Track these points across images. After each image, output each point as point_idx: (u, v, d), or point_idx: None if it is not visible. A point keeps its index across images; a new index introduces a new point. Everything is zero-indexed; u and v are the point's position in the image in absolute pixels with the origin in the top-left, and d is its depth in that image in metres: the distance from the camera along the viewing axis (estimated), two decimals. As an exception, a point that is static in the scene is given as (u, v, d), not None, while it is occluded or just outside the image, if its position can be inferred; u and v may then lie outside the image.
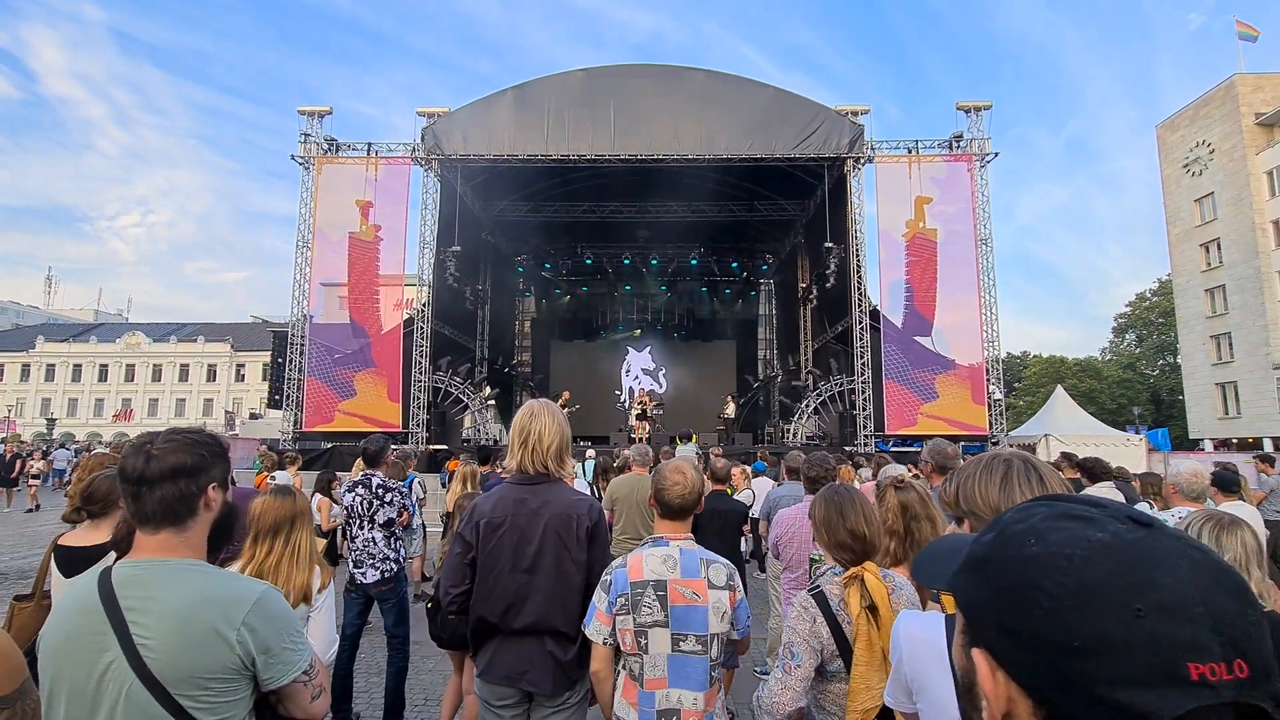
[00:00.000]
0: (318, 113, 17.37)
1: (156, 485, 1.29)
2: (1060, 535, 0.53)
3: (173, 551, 1.31)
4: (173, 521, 1.31)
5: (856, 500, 2.06)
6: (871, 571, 1.88)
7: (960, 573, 0.61)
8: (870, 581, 1.85)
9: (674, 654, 1.99)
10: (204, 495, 1.34)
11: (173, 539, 1.32)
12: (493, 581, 2.08)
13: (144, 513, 1.30)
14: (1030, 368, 53.85)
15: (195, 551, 1.35)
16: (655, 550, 2.10)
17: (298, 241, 17.11)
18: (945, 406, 16.14)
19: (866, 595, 1.83)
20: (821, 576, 2.00)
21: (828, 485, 2.21)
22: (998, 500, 1.12)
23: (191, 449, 1.34)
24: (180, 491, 1.31)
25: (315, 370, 16.63)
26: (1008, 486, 1.13)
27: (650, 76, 17.01)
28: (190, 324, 60.48)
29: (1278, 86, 31.53)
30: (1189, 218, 34.69)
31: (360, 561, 4.29)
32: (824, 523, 2.04)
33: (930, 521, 2.40)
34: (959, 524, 1.22)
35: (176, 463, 1.31)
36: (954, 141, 17.13)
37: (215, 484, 1.37)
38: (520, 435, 2.20)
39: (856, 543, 1.97)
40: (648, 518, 4.86)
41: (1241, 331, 31.76)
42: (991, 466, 1.18)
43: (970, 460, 1.24)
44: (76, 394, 54.31)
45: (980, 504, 1.14)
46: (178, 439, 1.35)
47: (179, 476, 1.31)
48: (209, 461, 1.36)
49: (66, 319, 70.22)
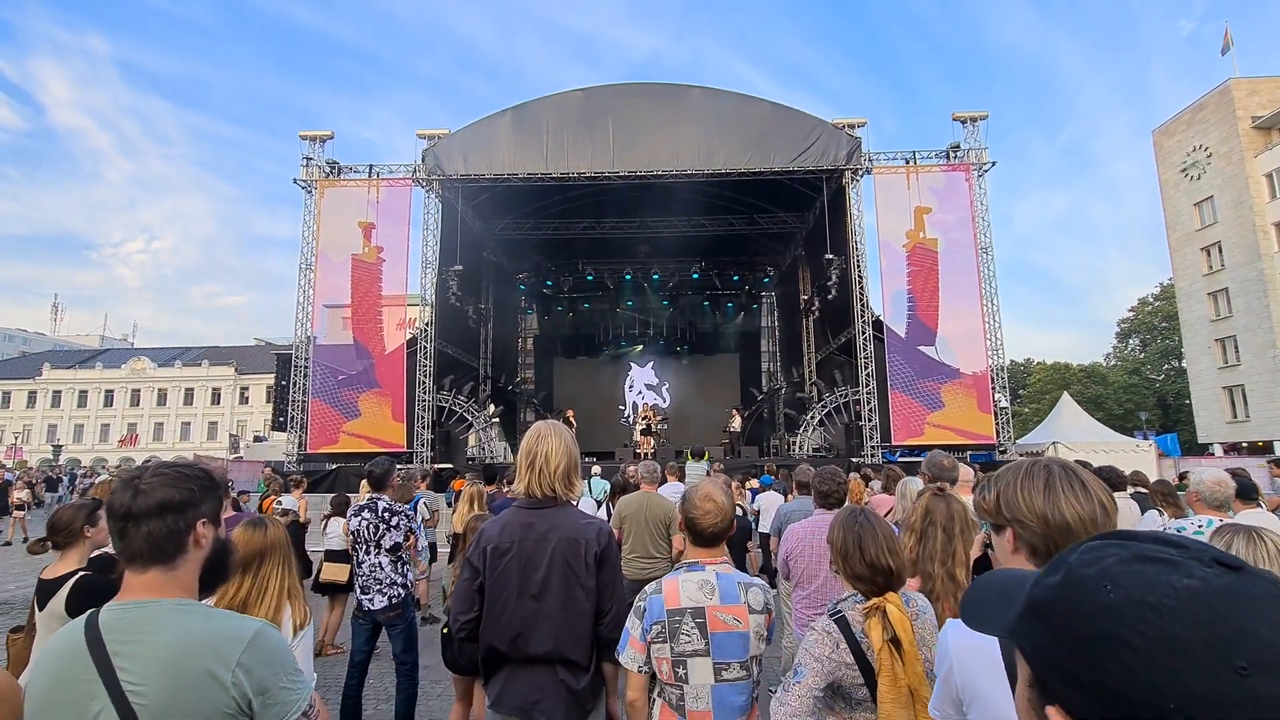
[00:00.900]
0: (319, 137, 17.56)
1: (143, 521, 1.25)
2: (1141, 581, 0.48)
3: (161, 591, 1.26)
4: (161, 559, 1.26)
5: (878, 530, 1.94)
6: (894, 603, 1.79)
7: (1023, 618, 0.56)
8: (893, 614, 1.76)
9: (718, 684, 1.93)
10: (193, 531, 1.30)
11: (161, 577, 1.27)
12: (501, 608, 2.05)
13: (131, 550, 1.26)
14: (1035, 375, 53.62)
15: (185, 590, 1.30)
16: (691, 575, 2.03)
17: (301, 264, 17.23)
18: (951, 416, 16.05)
19: (889, 628, 1.75)
20: (844, 601, 1.93)
21: (847, 508, 2.10)
22: (1043, 507, 1.10)
23: (180, 483, 1.30)
24: (168, 528, 1.26)
25: (319, 391, 16.65)
26: (1051, 493, 1.11)
27: (648, 94, 17.18)
28: (194, 348, 60.77)
29: (1273, 90, 31.68)
30: (1189, 222, 34.69)
31: (367, 587, 4.25)
32: (841, 553, 1.94)
33: (946, 534, 2.36)
34: (998, 532, 1.20)
35: (164, 498, 1.26)
36: (951, 152, 17.22)
37: (206, 520, 1.32)
38: (527, 458, 2.17)
39: (877, 575, 1.87)
40: (657, 536, 4.82)
41: (1247, 334, 31.61)
42: (1032, 473, 1.15)
43: (1007, 468, 1.22)
44: (82, 420, 54.44)
45: (1025, 512, 1.12)
46: (166, 473, 1.31)
47: (166, 512, 1.26)
48: (199, 496, 1.31)
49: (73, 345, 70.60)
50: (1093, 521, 1.09)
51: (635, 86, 17.52)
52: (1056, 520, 1.10)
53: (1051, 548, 1.10)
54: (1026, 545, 1.13)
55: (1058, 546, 1.09)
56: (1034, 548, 1.12)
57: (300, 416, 16.72)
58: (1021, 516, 1.13)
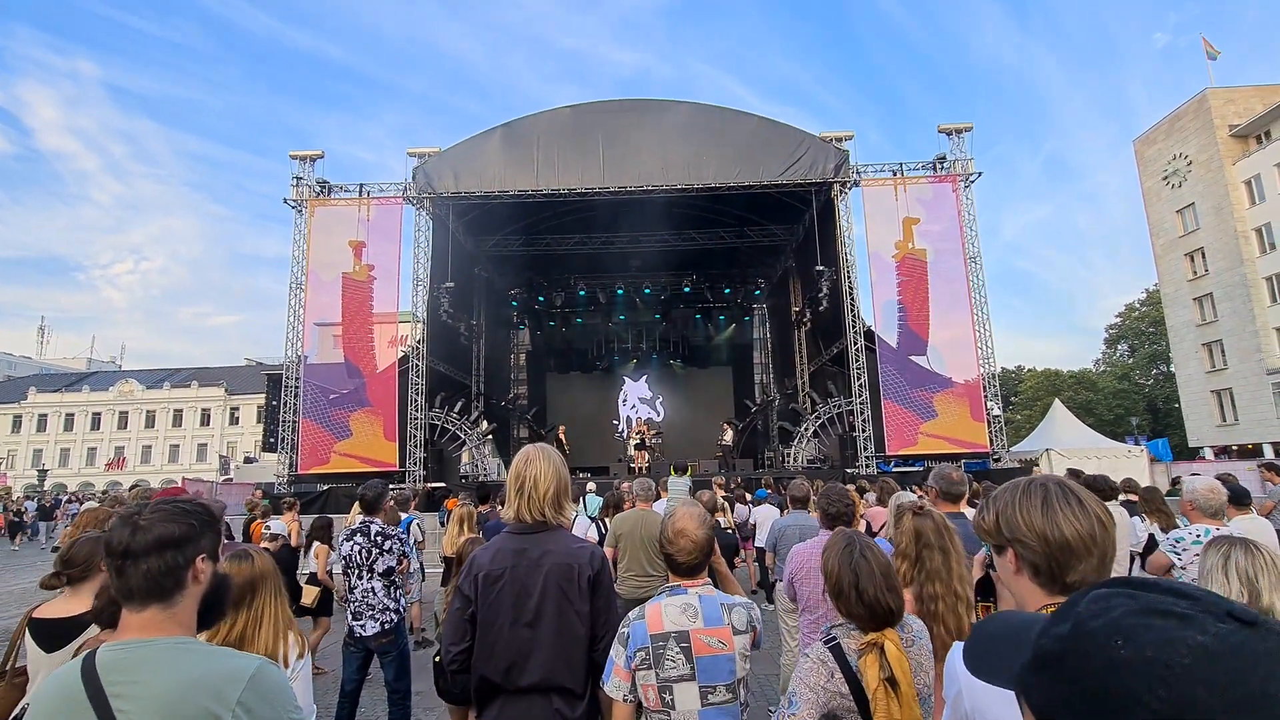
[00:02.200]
0: (309, 156, 17.58)
1: (142, 558, 1.24)
2: (1153, 636, 0.46)
3: (160, 630, 1.25)
4: (159, 597, 1.25)
5: (874, 566, 1.85)
6: (893, 640, 1.73)
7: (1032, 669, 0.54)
8: (891, 652, 1.70)
9: (705, 708, 1.91)
10: (192, 567, 1.29)
11: (159, 615, 1.25)
12: (494, 637, 2.00)
13: (129, 588, 1.24)
14: (1026, 382, 54.00)
15: (184, 628, 1.29)
16: (674, 599, 2.02)
17: (291, 283, 17.16)
18: (945, 425, 16.09)
19: (886, 666, 1.68)
20: (838, 627, 1.88)
21: (841, 536, 2.02)
22: (1042, 526, 1.09)
23: (180, 519, 1.29)
24: (167, 564, 1.25)
25: (310, 412, 16.51)
26: (1050, 511, 1.10)
27: (637, 110, 17.33)
28: (184, 369, 60.22)
29: (1249, 99, 32.37)
30: (1172, 229, 35.22)
31: (359, 613, 4.17)
32: (835, 591, 1.86)
33: (943, 552, 2.34)
34: (999, 552, 1.18)
35: (164, 534, 1.26)
36: (938, 163, 17.43)
37: (204, 555, 1.31)
38: (516, 483, 2.13)
39: (873, 618, 1.79)
40: (653, 554, 4.77)
41: (1233, 338, 32.00)
42: (1029, 491, 1.15)
43: (1004, 487, 1.22)
44: (69, 444, 53.68)
45: (1024, 531, 1.11)
46: (166, 508, 1.30)
47: (166, 548, 1.25)
48: (198, 532, 1.31)
49: (59, 368, 69.82)
50: (1091, 538, 1.08)
51: (624, 103, 17.68)
52: (1056, 538, 1.08)
53: (1054, 566, 1.09)
54: (1029, 565, 1.12)
55: (1059, 564, 1.09)
56: (1036, 567, 1.11)
57: (291, 437, 16.57)
58: (1021, 536, 1.12)
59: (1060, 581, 1.08)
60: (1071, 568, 1.07)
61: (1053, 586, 1.09)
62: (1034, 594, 1.12)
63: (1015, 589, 1.16)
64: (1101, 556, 1.08)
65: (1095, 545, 1.07)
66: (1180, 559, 3.68)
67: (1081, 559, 1.07)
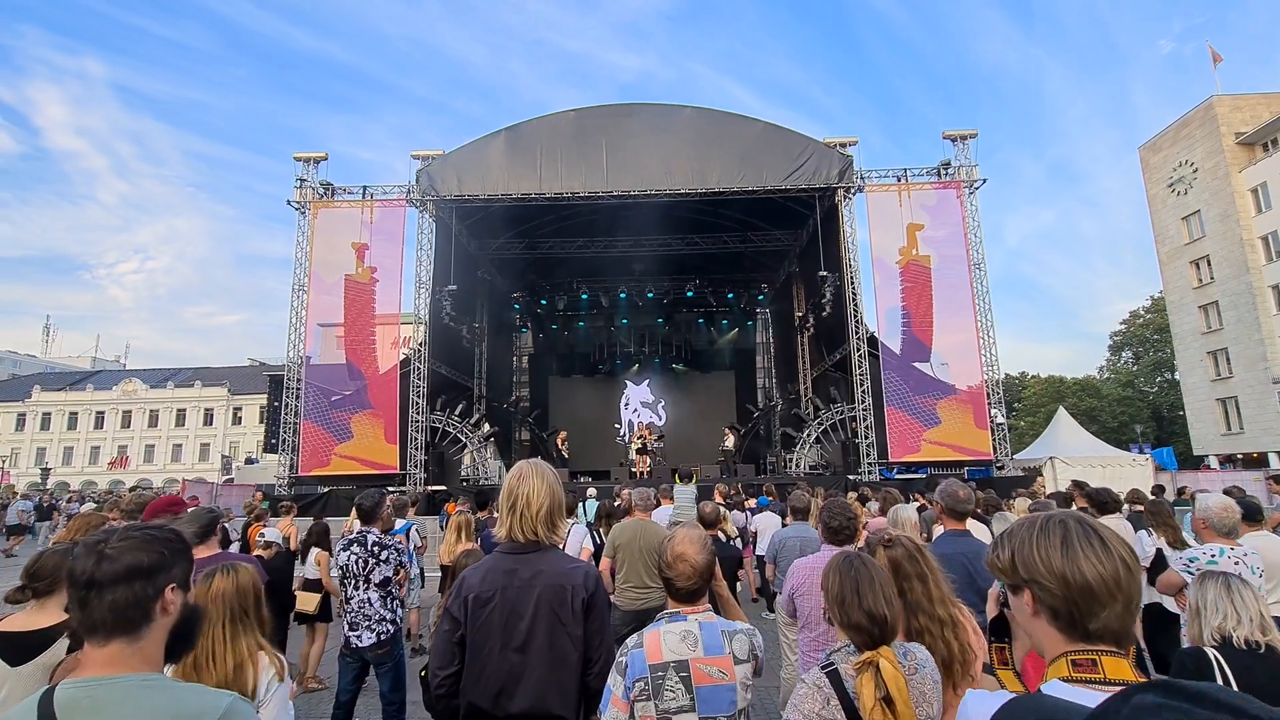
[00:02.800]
0: (313, 158, 17.59)
1: (108, 589, 1.16)
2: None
3: (124, 666, 1.17)
4: (124, 630, 1.18)
5: (875, 576, 1.87)
6: (888, 658, 1.70)
7: None
8: (887, 670, 1.66)
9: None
10: (161, 598, 1.22)
11: (125, 650, 1.18)
12: (483, 662, 1.93)
13: (92, 621, 1.17)
14: (1029, 388, 53.75)
15: (150, 664, 1.21)
16: (672, 627, 1.95)
17: (294, 285, 17.15)
18: (948, 432, 15.99)
19: (882, 685, 1.64)
20: (836, 652, 1.84)
21: (843, 553, 2.01)
22: (1062, 566, 1.03)
23: (149, 546, 1.22)
24: (134, 595, 1.18)
25: (311, 413, 16.48)
26: (1070, 551, 1.03)
27: (640, 115, 17.31)
28: (187, 369, 60.33)
29: (1255, 106, 32.21)
30: (1177, 236, 35.04)
31: (355, 624, 4.11)
32: (837, 600, 1.85)
33: (920, 580, 2.25)
34: (1015, 593, 1.11)
35: (132, 562, 1.18)
36: (942, 169, 17.36)
37: (174, 585, 1.24)
38: (508, 500, 2.07)
39: (873, 625, 1.78)
40: (652, 565, 4.69)
41: (1238, 346, 31.79)
42: (1048, 529, 1.08)
43: (1020, 522, 1.15)
44: (72, 442, 53.79)
45: (1043, 571, 1.05)
46: (135, 536, 1.23)
47: (134, 579, 1.18)
48: (169, 560, 1.24)
49: (64, 367, 70.02)
50: (1115, 582, 1.01)
51: (627, 107, 17.66)
52: (1077, 581, 1.01)
53: (1074, 611, 1.02)
54: (1047, 608, 1.05)
55: (1080, 609, 1.02)
56: (1055, 610, 1.04)
57: (292, 438, 16.54)
58: (1039, 577, 1.05)
59: (1082, 628, 1.02)
60: (1094, 614, 1.00)
61: (1073, 633, 1.03)
62: (1053, 639, 1.05)
63: (1033, 632, 1.09)
64: (1127, 602, 1.01)
65: (1120, 590, 1.00)
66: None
67: (1105, 604, 1.00)
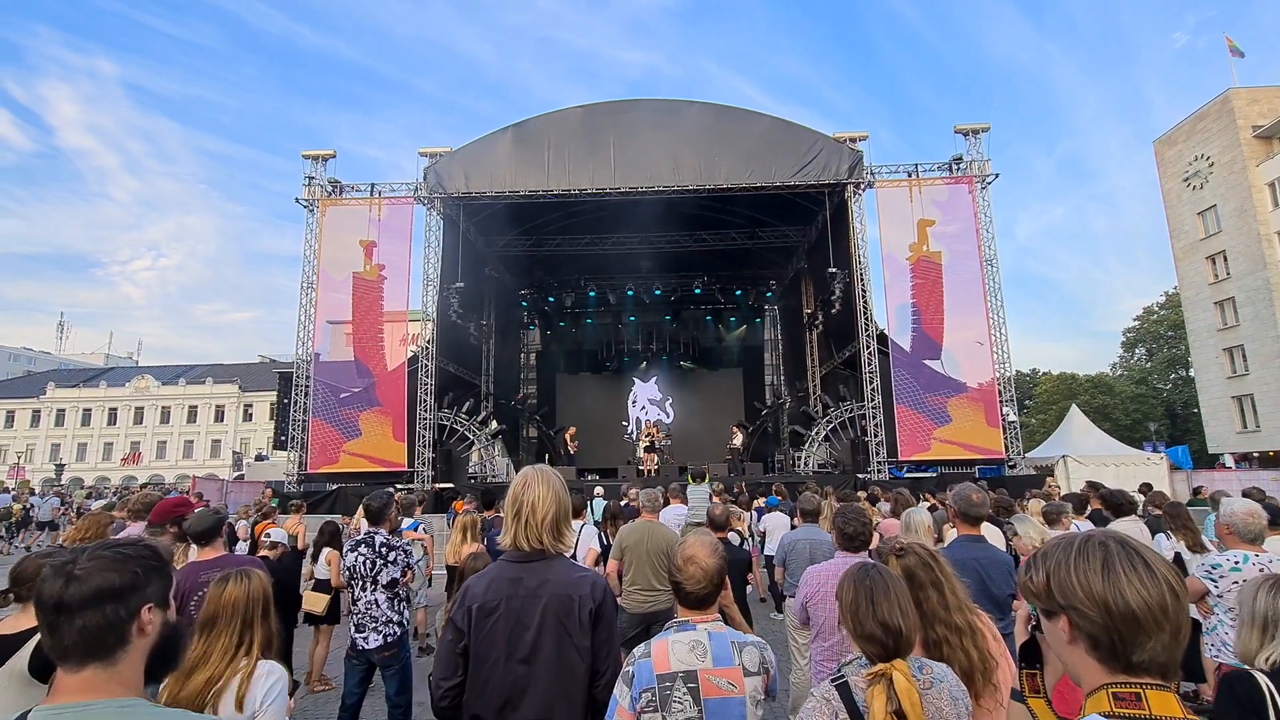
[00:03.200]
0: (322, 156, 17.61)
1: (78, 613, 1.10)
2: None
3: (100, 691, 1.11)
4: (98, 655, 1.11)
5: (891, 586, 1.83)
6: (901, 671, 1.65)
7: None
8: (900, 683, 1.61)
9: None
10: (136, 620, 1.15)
11: (100, 675, 1.11)
12: (487, 673, 1.88)
13: (63, 647, 1.10)
14: (1041, 385, 53.23)
15: (128, 688, 1.14)
16: (681, 636, 1.91)
17: (302, 282, 17.20)
18: (959, 430, 15.82)
19: (894, 698, 1.60)
20: (848, 665, 1.80)
21: (859, 563, 1.96)
22: (1103, 592, 0.96)
23: (122, 566, 1.14)
24: (106, 619, 1.11)
25: (320, 411, 16.54)
26: (1111, 575, 0.96)
27: (648, 110, 17.20)
28: (198, 365, 60.85)
29: (1273, 99, 31.65)
30: (1193, 231, 34.53)
31: (362, 625, 4.07)
32: (851, 609, 1.81)
33: (935, 588, 2.19)
34: (1049, 617, 1.04)
35: (103, 584, 1.11)
36: (954, 164, 17.15)
37: (152, 605, 1.18)
38: (513, 507, 2.02)
39: (888, 636, 1.74)
40: (659, 568, 4.64)
41: (1255, 343, 31.31)
42: (1086, 551, 1.00)
43: (1056, 542, 1.07)
44: (86, 438, 54.38)
45: (1081, 597, 0.98)
46: (105, 555, 1.15)
47: (105, 601, 1.11)
48: (143, 579, 1.16)
49: (77, 364, 70.78)
50: (1162, 610, 0.94)
51: (635, 103, 17.55)
52: (1120, 608, 0.94)
53: (1116, 640, 0.95)
54: (1086, 636, 0.98)
55: (1123, 639, 0.94)
56: (1095, 640, 0.97)
57: (301, 436, 16.60)
58: (1078, 603, 0.98)
59: (1124, 659, 0.94)
60: (1139, 644, 0.93)
61: (1115, 664, 0.95)
62: (1092, 671, 0.98)
63: (1069, 660, 1.02)
64: (1174, 632, 0.93)
65: (1167, 619, 0.93)
66: (1217, 586, 3.49)
67: (1151, 635, 0.93)
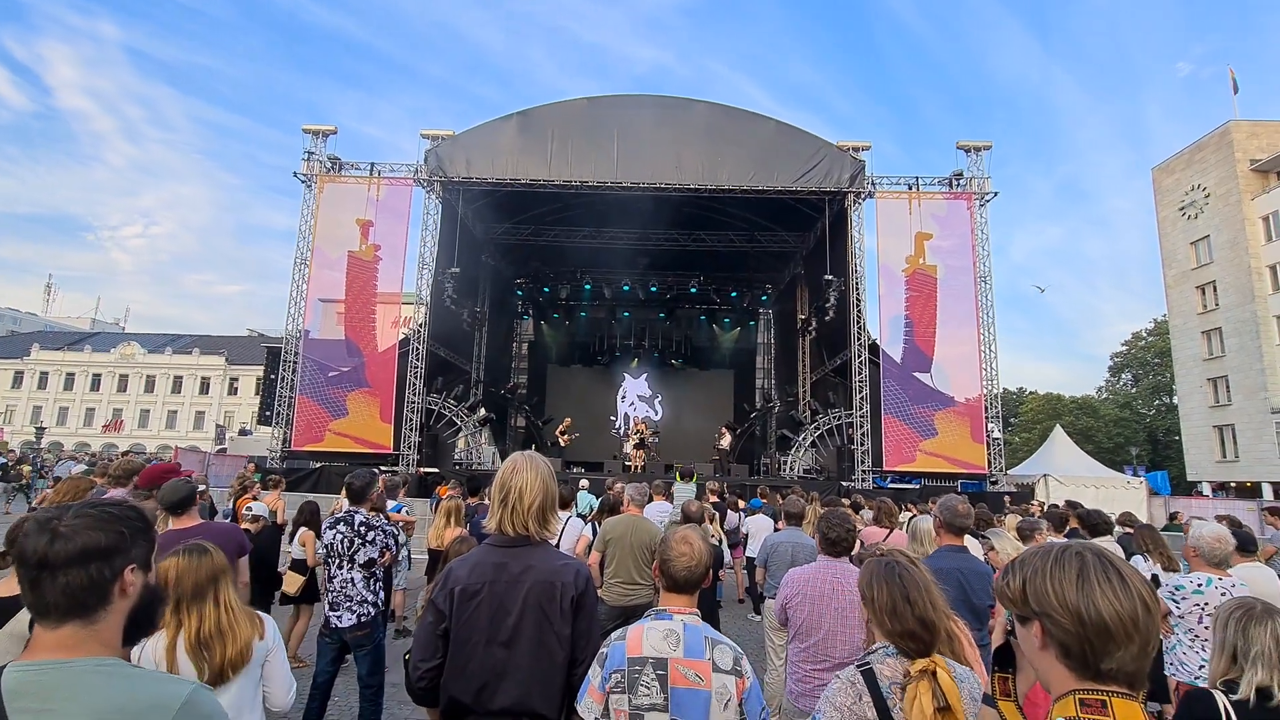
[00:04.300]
0: (322, 131, 17.46)
1: (61, 571, 1.10)
2: None
3: (78, 649, 1.11)
4: (79, 614, 1.12)
5: (919, 580, 1.82)
6: (943, 667, 1.66)
7: None
8: (945, 680, 1.62)
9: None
10: (119, 580, 1.15)
11: (79, 633, 1.12)
12: (466, 656, 1.89)
13: (44, 604, 1.11)
14: (1027, 404, 53.76)
15: (107, 647, 1.15)
16: (657, 624, 1.93)
17: (296, 258, 17.06)
18: (944, 444, 15.96)
19: (940, 695, 1.59)
20: (873, 654, 1.81)
21: (879, 560, 1.94)
22: (1077, 602, 0.98)
23: (107, 525, 1.15)
24: (90, 578, 1.11)
25: (307, 388, 16.43)
26: (1086, 585, 0.99)
27: (654, 106, 17.17)
28: (186, 335, 60.19)
29: (1273, 134, 32.03)
30: (1185, 260, 34.94)
31: (336, 604, 4.07)
32: (888, 609, 1.79)
33: None
34: (1023, 623, 1.06)
35: (88, 543, 1.12)
36: (954, 179, 17.26)
37: (134, 566, 1.18)
38: (500, 492, 2.03)
39: (925, 632, 1.74)
40: (642, 562, 4.66)
41: (1239, 374, 31.76)
42: (1063, 561, 1.03)
43: (1033, 550, 1.10)
44: (68, 403, 53.73)
45: (1056, 606, 1.00)
46: (91, 514, 1.16)
47: (90, 560, 1.11)
48: (128, 540, 1.17)
49: (63, 327, 69.84)
50: (1134, 621, 0.96)
51: (641, 98, 17.51)
52: (1093, 618, 0.97)
53: (1087, 650, 0.97)
54: (1058, 643, 1.00)
55: (1094, 648, 0.97)
56: (1066, 647, 0.99)
57: (286, 412, 16.50)
58: (1052, 611, 1.00)
59: (1093, 667, 0.97)
60: (1108, 653, 0.95)
61: (1084, 672, 0.98)
62: (1062, 677, 1.00)
63: (1040, 666, 1.05)
64: (1144, 643, 0.96)
65: (1138, 631, 0.95)
66: (1179, 607, 3.56)
67: (1120, 644, 0.95)
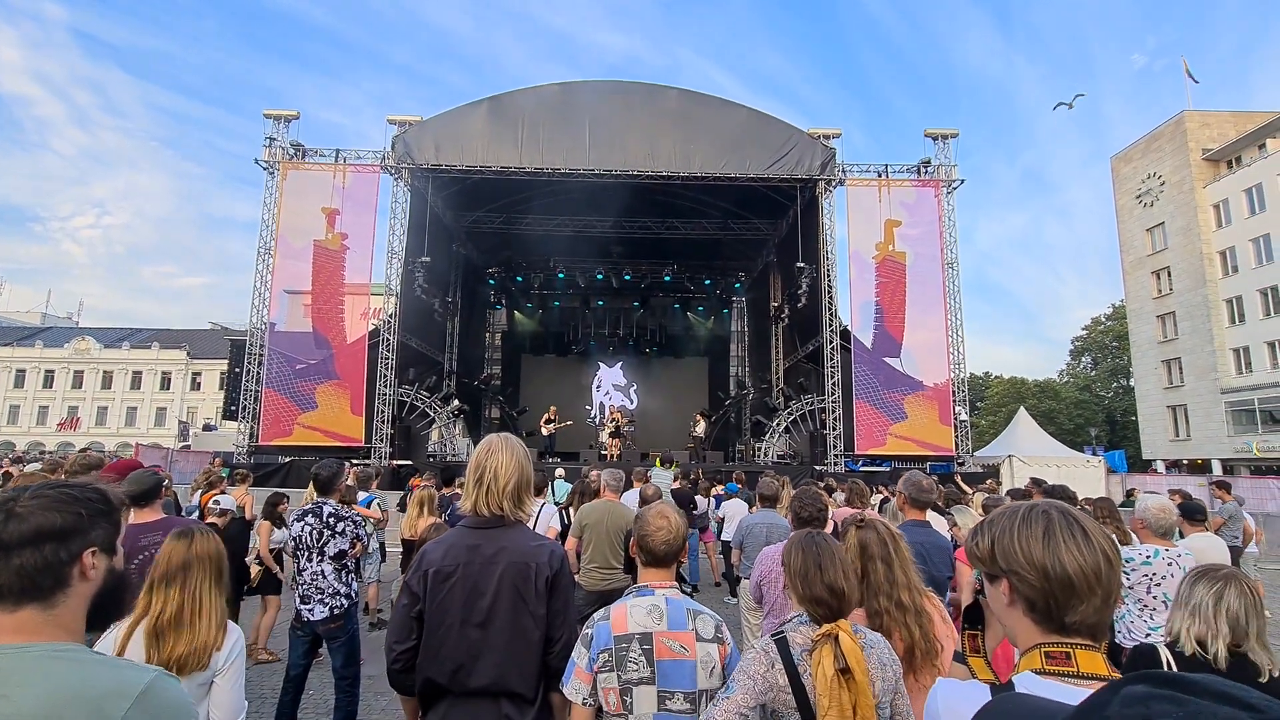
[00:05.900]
0: (284, 117, 16.95)
1: (14, 552, 1.06)
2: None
3: (36, 634, 1.07)
4: (34, 597, 1.08)
5: (835, 551, 1.96)
6: (846, 631, 1.77)
7: None
8: (846, 643, 1.73)
9: (660, 713, 1.86)
10: (78, 563, 1.11)
11: (37, 618, 1.08)
12: (441, 638, 1.87)
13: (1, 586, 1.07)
14: (992, 388, 55.24)
15: (67, 632, 1.11)
16: (640, 600, 1.98)
17: (259, 248, 16.60)
18: (914, 427, 16.31)
19: (840, 657, 1.71)
20: (788, 622, 1.90)
21: (804, 531, 2.09)
22: (1042, 557, 1.00)
23: (65, 506, 1.11)
24: (45, 559, 1.08)
25: (274, 381, 16.05)
26: (1051, 542, 1.01)
27: (626, 93, 17.05)
28: (144, 329, 58.16)
29: (1223, 124, 33.21)
30: (1141, 246, 36.12)
31: (308, 596, 4.00)
32: (800, 574, 1.92)
33: (885, 563, 2.30)
34: (992, 581, 1.09)
35: (43, 524, 1.08)
36: (921, 167, 17.52)
37: (95, 549, 1.14)
38: (475, 473, 2.02)
39: (833, 598, 1.85)
40: (618, 546, 4.67)
41: (1191, 356, 33.05)
42: (1030, 519, 1.05)
43: (1002, 511, 1.12)
44: (18, 400, 51.64)
45: (1022, 562, 1.03)
46: (49, 494, 1.12)
47: (44, 540, 1.08)
48: (86, 522, 1.13)
49: (11, 322, 66.89)
50: (1096, 575, 0.99)
51: (614, 84, 17.37)
52: (1057, 573, 0.99)
53: (1052, 604, 1.00)
54: (1024, 599, 1.03)
55: (1058, 601, 1.00)
56: (1032, 602, 1.02)
57: (253, 406, 16.10)
58: (1018, 567, 1.03)
59: (1058, 620, 0.99)
60: (1072, 607, 0.98)
61: (1049, 625, 1.00)
62: (1028, 631, 1.03)
63: (1007, 622, 1.07)
64: (1105, 596, 0.99)
65: (1099, 583, 0.98)
66: (1129, 579, 3.68)
67: (1083, 598, 0.98)
